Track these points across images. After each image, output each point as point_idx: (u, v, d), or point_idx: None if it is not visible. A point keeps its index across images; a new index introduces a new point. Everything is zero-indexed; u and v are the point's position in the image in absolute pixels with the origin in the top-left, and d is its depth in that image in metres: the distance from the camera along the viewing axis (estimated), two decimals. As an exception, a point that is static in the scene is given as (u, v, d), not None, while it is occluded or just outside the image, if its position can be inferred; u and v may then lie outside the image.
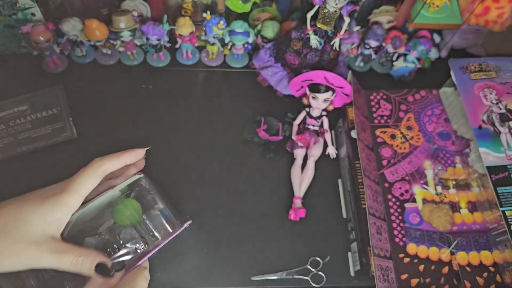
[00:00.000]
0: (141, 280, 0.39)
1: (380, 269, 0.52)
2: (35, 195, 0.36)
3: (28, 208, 0.34)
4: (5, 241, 0.32)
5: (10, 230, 0.32)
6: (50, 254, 0.33)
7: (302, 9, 0.71)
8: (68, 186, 0.36)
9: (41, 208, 0.34)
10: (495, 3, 0.65)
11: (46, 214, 0.34)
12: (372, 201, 0.56)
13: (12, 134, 0.63)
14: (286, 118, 0.68)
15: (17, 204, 0.34)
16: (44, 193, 0.36)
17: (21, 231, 0.33)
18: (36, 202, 0.34)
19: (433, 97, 0.67)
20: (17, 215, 0.33)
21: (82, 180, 0.37)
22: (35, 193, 0.36)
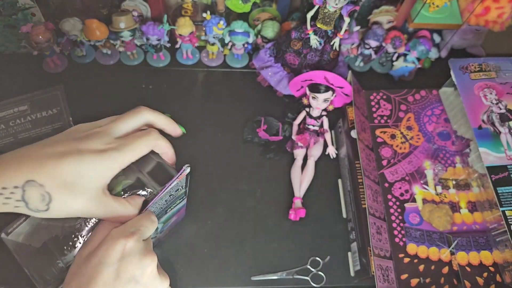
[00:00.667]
0: (147, 221, 0.39)
1: (380, 269, 0.52)
2: (93, 146, 0.35)
3: (88, 163, 0.34)
4: (67, 196, 0.33)
5: (70, 185, 0.33)
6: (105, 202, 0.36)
7: (302, 9, 0.71)
8: (124, 147, 0.36)
9: (100, 164, 0.34)
10: (495, 3, 0.65)
11: (104, 170, 0.35)
12: (372, 201, 0.56)
13: (12, 134, 0.63)
14: (286, 118, 0.68)
15: (76, 156, 0.33)
16: (100, 143, 0.35)
17: (81, 186, 0.34)
18: (95, 156, 0.34)
19: (433, 97, 0.67)
20: (78, 170, 0.33)
21: (139, 147, 0.37)
22: (92, 141, 0.35)
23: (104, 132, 0.36)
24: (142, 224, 0.38)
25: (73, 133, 0.37)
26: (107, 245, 0.36)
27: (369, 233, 0.53)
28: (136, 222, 0.38)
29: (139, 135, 0.38)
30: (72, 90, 0.68)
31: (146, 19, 0.70)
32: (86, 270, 0.35)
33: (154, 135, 0.40)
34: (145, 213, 0.40)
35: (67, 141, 0.35)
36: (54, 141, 0.35)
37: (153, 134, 0.40)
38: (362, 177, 0.56)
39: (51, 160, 0.32)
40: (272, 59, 0.69)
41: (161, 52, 0.72)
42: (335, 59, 0.67)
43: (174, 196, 0.46)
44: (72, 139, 0.35)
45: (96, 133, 0.36)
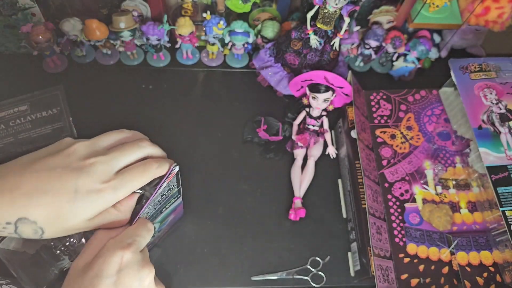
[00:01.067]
0: (143, 229, 0.39)
1: (380, 269, 0.52)
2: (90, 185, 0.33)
3: (83, 203, 0.33)
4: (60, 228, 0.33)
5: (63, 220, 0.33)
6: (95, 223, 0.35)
7: (302, 9, 0.71)
8: (122, 186, 0.35)
9: (95, 204, 0.34)
10: (495, 3, 0.65)
11: (97, 208, 0.35)
12: (372, 201, 0.56)
13: (12, 134, 0.63)
14: (286, 118, 0.68)
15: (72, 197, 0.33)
16: (99, 181, 0.34)
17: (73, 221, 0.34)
18: (90, 197, 0.33)
19: (433, 97, 0.67)
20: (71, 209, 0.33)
21: (136, 185, 0.37)
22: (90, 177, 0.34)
23: (104, 165, 0.35)
24: (138, 234, 0.38)
25: (71, 157, 0.35)
26: (104, 257, 0.35)
27: (369, 233, 0.53)
28: (132, 232, 0.38)
29: (137, 172, 0.37)
30: (72, 90, 0.68)
31: (146, 19, 0.70)
32: (83, 282, 0.34)
33: (153, 172, 0.38)
34: (141, 222, 0.40)
35: (64, 172, 0.33)
36: (51, 168, 0.33)
37: (152, 171, 0.38)
38: (362, 177, 0.56)
39: (45, 198, 0.32)
40: (272, 59, 0.69)
41: (161, 52, 0.72)
42: (335, 59, 0.67)
43: (167, 196, 0.46)
44: (70, 169, 0.33)
45: (96, 165, 0.34)
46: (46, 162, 0.33)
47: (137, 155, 0.38)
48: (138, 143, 0.39)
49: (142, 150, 0.39)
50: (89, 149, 0.36)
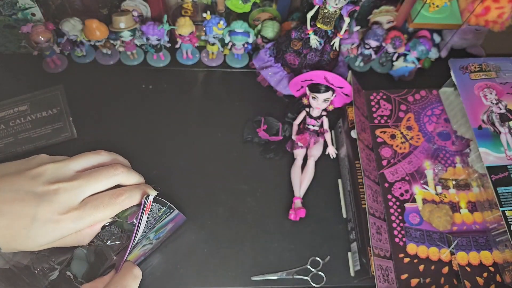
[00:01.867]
0: (130, 278, 0.37)
1: (380, 269, 0.52)
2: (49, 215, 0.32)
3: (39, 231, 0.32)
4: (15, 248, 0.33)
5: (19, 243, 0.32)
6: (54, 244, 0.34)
7: (302, 9, 0.71)
8: (83, 218, 0.34)
9: (52, 232, 0.33)
10: (495, 3, 0.65)
11: (54, 236, 0.33)
12: (372, 201, 0.56)
13: (12, 134, 0.63)
14: (286, 118, 0.68)
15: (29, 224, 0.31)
16: (59, 211, 0.32)
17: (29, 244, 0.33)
18: (48, 226, 0.32)
19: (433, 97, 0.67)
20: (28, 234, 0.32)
21: (99, 217, 0.35)
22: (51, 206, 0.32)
23: (68, 193, 0.33)
24: (124, 285, 0.36)
25: (38, 179, 0.33)
26: None
27: (369, 233, 0.53)
28: (119, 284, 0.36)
29: (102, 204, 0.35)
30: (72, 90, 0.68)
31: (146, 19, 0.70)
32: None
33: (120, 204, 0.36)
34: (127, 269, 0.37)
35: (26, 197, 0.32)
36: (14, 190, 0.32)
37: (118, 202, 0.36)
38: (362, 177, 0.56)
39: (2, 220, 0.31)
40: (272, 59, 0.69)
41: (161, 52, 0.72)
42: (335, 59, 0.67)
43: (156, 215, 0.44)
44: (32, 195, 0.32)
45: (60, 192, 0.33)
46: (11, 182, 0.32)
47: (107, 183, 0.36)
48: (112, 170, 0.37)
49: (114, 178, 0.37)
50: (58, 173, 0.34)
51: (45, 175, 0.33)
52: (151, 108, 0.69)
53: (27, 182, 0.32)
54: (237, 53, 0.72)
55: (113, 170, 0.37)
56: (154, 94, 0.70)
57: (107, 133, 0.66)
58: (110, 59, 0.72)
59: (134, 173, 0.39)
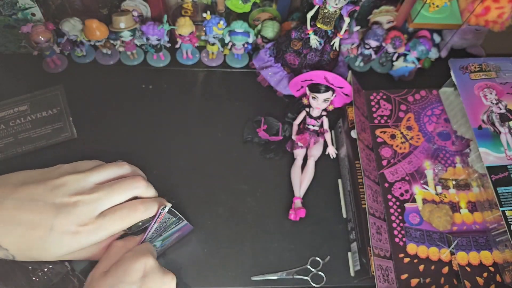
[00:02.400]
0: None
1: (380, 269, 0.52)
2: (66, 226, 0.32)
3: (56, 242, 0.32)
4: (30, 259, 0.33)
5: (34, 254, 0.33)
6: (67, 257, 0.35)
7: (302, 9, 0.71)
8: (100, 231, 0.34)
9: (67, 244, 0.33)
10: (495, 3, 0.65)
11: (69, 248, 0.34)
12: (372, 201, 0.56)
13: (12, 134, 0.63)
14: (286, 118, 0.68)
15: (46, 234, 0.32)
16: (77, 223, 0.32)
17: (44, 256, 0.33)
18: (64, 238, 0.32)
19: (433, 97, 0.67)
20: (44, 245, 0.32)
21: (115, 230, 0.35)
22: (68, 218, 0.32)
23: (87, 206, 0.33)
24: (151, 250, 0.38)
25: (58, 191, 0.33)
26: (126, 264, 0.34)
27: (369, 233, 0.53)
28: (149, 245, 0.39)
29: (120, 217, 0.35)
30: (72, 90, 0.68)
31: (146, 19, 0.70)
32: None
33: (138, 216, 0.37)
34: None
35: (44, 208, 0.32)
36: (33, 200, 0.32)
37: (137, 215, 0.37)
38: (362, 177, 0.56)
39: (20, 229, 0.31)
40: (272, 59, 0.69)
41: (161, 52, 0.72)
42: (335, 59, 0.67)
43: (165, 224, 0.45)
44: (51, 206, 0.32)
45: (79, 205, 0.33)
46: (31, 192, 0.32)
47: (127, 195, 0.37)
48: (133, 182, 0.37)
49: (134, 191, 0.37)
50: (78, 185, 0.34)
51: (66, 186, 0.33)
52: (151, 108, 0.69)
53: (47, 193, 0.32)
54: (237, 53, 0.72)
55: (135, 182, 0.37)
56: (154, 94, 0.70)
57: (107, 133, 0.66)
58: (110, 59, 0.72)
59: (151, 186, 0.40)
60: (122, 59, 0.72)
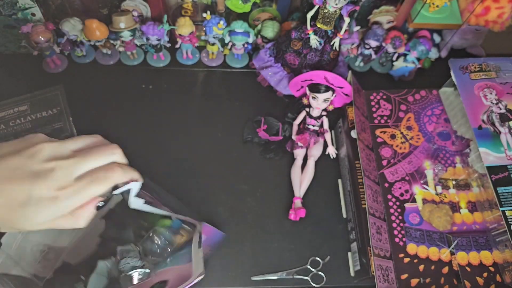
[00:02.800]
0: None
1: (380, 269, 0.52)
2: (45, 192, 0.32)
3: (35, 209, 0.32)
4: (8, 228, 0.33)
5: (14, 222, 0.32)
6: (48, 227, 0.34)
7: (302, 9, 0.71)
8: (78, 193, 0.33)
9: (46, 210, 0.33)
10: (495, 3, 0.65)
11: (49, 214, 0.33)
12: (372, 201, 0.56)
13: (13, 134, 0.63)
14: (286, 118, 0.68)
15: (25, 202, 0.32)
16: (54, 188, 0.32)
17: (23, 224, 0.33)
18: (43, 203, 0.32)
19: (433, 97, 0.67)
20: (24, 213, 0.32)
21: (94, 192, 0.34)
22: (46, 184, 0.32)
23: (64, 171, 0.33)
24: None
25: (34, 158, 0.33)
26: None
27: (369, 233, 0.53)
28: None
29: (97, 179, 0.34)
30: (72, 90, 0.68)
31: (146, 19, 0.70)
32: None
33: (115, 178, 0.36)
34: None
35: (22, 175, 0.32)
36: (11, 169, 0.32)
37: (114, 177, 0.36)
38: (362, 177, 0.56)
39: (1, 200, 0.31)
40: (272, 59, 0.69)
41: (161, 52, 0.72)
42: (335, 59, 0.67)
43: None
44: (28, 173, 0.32)
45: (56, 170, 0.33)
46: (7, 161, 0.32)
47: (103, 161, 0.36)
48: (109, 149, 0.37)
49: (110, 157, 0.37)
50: (55, 151, 0.34)
51: (42, 153, 0.33)
52: (151, 108, 0.69)
53: (24, 161, 0.32)
54: (237, 53, 0.72)
55: (112, 149, 0.37)
56: (154, 94, 0.70)
57: (107, 133, 0.65)
58: (110, 59, 0.72)
59: (126, 159, 0.39)
60: (122, 59, 0.72)
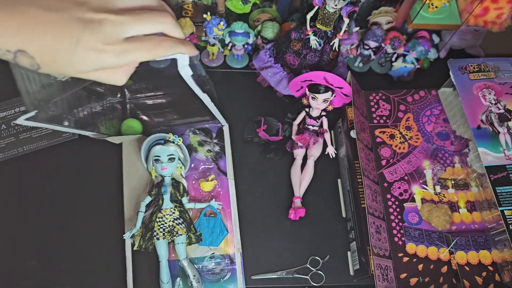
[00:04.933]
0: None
1: (380, 268, 0.53)
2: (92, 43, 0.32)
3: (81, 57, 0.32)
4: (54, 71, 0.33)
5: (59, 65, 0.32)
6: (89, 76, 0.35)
7: (301, 10, 0.71)
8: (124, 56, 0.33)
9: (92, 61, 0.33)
10: (494, 4, 0.65)
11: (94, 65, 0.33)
12: (371, 201, 0.57)
13: (14, 134, 0.64)
14: (286, 118, 0.68)
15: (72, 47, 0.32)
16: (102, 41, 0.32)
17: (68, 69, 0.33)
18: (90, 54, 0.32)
19: (432, 97, 0.68)
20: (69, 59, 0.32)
21: (140, 58, 0.34)
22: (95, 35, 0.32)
23: (113, 26, 0.33)
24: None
25: (83, 6, 0.32)
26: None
27: (369, 232, 0.53)
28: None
29: (146, 46, 0.34)
30: (73, 91, 0.68)
31: (146, 19, 0.70)
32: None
33: (163, 51, 0.36)
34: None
35: (71, 21, 0.31)
36: (60, 10, 0.31)
37: (162, 48, 0.36)
38: (362, 177, 0.57)
39: (47, 40, 0.31)
40: (272, 59, 0.69)
41: (161, 52, 0.72)
42: (335, 60, 0.68)
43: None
44: (77, 20, 0.31)
45: (105, 23, 0.32)
46: (57, 3, 0.31)
47: (153, 29, 0.35)
48: (160, 17, 0.36)
49: (160, 26, 0.36)
50: (104, 4, 0.33)
51: (91, 3, 0.33)
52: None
53: (73, 7, 0.32)
54: (237, 53, 0.73)
55: (162, 17, 0.36)
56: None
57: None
58: (111, 59, 0.72)
59: (179, 27, 0.38)
60: (123, 59, 0.72)
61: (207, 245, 0.57)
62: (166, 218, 0.55)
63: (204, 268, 0.56)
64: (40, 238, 0.58)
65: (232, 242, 0.58)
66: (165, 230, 0.54)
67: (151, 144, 0.58)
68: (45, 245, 0.58)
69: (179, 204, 0.56)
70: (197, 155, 0.60)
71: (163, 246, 0.54)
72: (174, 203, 0.56)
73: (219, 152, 0.60)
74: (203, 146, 0.59)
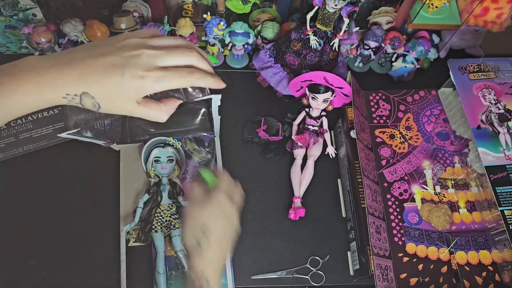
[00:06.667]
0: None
1: (380, 268, 0.53)
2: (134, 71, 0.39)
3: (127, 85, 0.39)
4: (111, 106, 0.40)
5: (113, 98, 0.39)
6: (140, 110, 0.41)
7: (301, 10, 0.71)
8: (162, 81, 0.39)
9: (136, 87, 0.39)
10: (494, 4, 0.65)
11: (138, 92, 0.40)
12: (371, 201, 0.57)
13: (13, 134, 0.64)
14: (286, 118, 0.68)
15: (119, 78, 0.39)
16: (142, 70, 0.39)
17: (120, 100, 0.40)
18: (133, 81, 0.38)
19: (432, 97, 0.68)
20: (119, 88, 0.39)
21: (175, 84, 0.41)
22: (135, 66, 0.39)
23: (149, 58, 0.40)
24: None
25: (124, 48, 0.40)
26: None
27: (369, 232, 0.53)
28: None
29: (179, 73, 0.41)
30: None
31: (146, 20, 0.70)
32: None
33: (193, 80, 0.42)
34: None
35: (116, 60, 0.39)
36: (107, 55, 0.39)
37: (193, 78, 0.42)
38: (362, 177, 0.57)
39: (101, 79, 0.38)
40: (272, 59, 0.69)
41: (161, 52, 0.72)
42: (335, 60, 0.68)
43: None
44: (121, 58, 0.39)
45: (142, 56, 0.40)
46: (103, 50, 0.40)
47: (182, 59, 0.42)
48: (188, 51, 0.42)
49: (189, 58, 0.42)
50: (141, 43, 0.41)
51: (130, 45, 0.41)
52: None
53: (115, 50, 0.40)
54: (237, 53, 0.73)
55: (190, 52, 0.43)
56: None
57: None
58: (111, 59, 0.72)
59: (205, 60, 0.45)
60: (123, 59, 0.73)
61: None
62: (164, 213, 0.58)
63: None
64: (40, 238, 0.58)
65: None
66: (163, 224, 0.58)
67: (152, 147, 0.61)
68: (45, 245, 0.58)
69: (176, 201, 0.59)
70: (191, 161, 0.64)
71: (160, 239, 0.57)
72: (171, 199, 0.59)
73: (211, 159, 0.64)
74: (199, 153, 0.63)
